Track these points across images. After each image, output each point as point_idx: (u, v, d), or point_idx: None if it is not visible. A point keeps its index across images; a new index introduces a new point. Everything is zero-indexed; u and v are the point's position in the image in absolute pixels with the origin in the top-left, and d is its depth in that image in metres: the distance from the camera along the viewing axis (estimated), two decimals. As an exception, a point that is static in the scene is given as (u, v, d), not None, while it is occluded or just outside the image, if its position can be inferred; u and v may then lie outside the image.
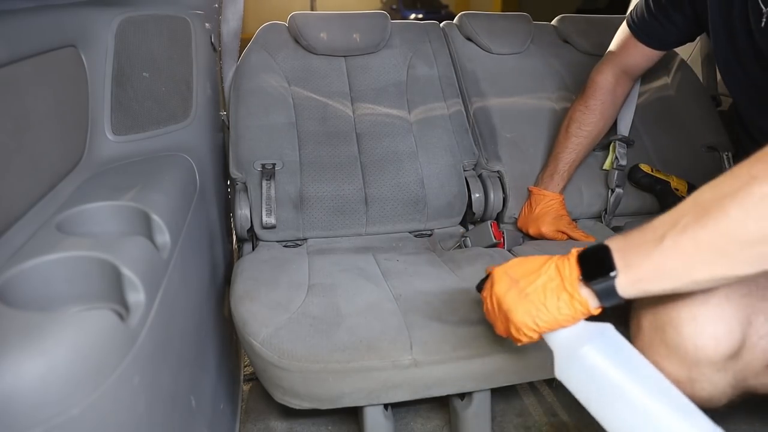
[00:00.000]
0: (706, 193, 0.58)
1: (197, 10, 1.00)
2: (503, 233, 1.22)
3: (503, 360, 0.84)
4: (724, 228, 0.55)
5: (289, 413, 1.09)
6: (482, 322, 0.86)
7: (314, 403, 0.84)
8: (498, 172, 1.31)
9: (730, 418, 1.07)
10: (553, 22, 1.59)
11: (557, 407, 1.13)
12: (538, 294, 0.63)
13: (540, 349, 0.85)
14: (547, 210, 1.23)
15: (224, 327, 1.00)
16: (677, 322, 0.68)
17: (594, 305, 0.62)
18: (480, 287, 0.73)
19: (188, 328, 0.70)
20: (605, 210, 1.33)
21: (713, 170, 1.11)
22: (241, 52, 1.29)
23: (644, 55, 1.17)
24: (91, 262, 0.50)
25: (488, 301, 0.70)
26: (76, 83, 0.76)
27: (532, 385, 1.19)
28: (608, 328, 0.64)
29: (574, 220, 1.34)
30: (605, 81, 1.23)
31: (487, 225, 1.19)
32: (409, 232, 1.27)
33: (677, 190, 1.28)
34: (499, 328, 0.70)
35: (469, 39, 1.48)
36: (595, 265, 0.61)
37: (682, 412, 0.58)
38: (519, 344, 0.69)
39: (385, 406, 0.91)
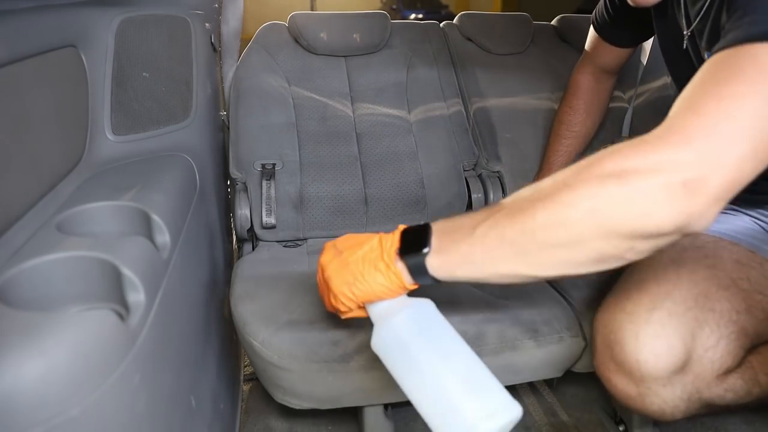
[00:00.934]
0: (526, 191, 0.59)
1: (197, 10, 1.00)
2: None
3: (503, 360, 0.84)
4: (529, 229, 0.56)
5: (289, 413, 1.09)
6: (482, 322, 0.86)
7: (314, 403, 0.84)
8: (498, 172, 1.31)
9: (730, 418, 1.07)
10: (553, 22, 1.59)
11: (557, 407, 1.13)
12: (357, 264, 0.64)
13: (540, 349, 0.85)
14: None
15: (224, 327, 1.00)
16: (623, 340, 0.72)
17: (408, 281, 0.62)
18: None
19: (188, 328, 0.70)
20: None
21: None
22: (241, 52, 1.29)
23: (614, 53, 1.17)
24: (91, 262, 0.50)
25: (318, 274, 0.69)
26: (76, 83, 0.76)
27: (532, 385, 1.19)
28: (426, 303, 0.64)
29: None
30: (585, 80, 1.23)
31: None
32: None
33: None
34: (326, 302, 0.69)
35: (469, 39, 1.48)
36: (413, 242, 0.62)
37: (472, 383, 0.58)
38: (343, 317, 0.69)
39: (385, 406, 0.91)
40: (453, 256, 0.60)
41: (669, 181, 0.52)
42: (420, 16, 9.86)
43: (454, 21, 1.53)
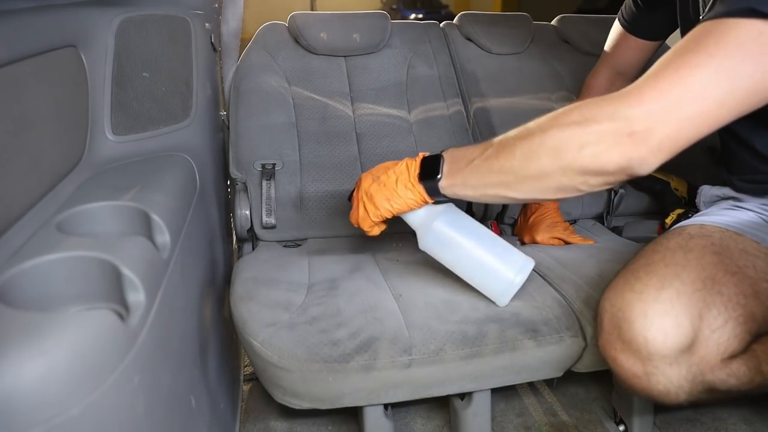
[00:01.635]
0: (512, 132, 0.75)
1: (197, 10, 1.00)
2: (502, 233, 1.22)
3: (503, 360, 0.84)
4: (509, 164, 0.73)
5: (289, 413, 1.09)
6: (482, 322, 0.86)
7: (314, 403, 0.84)
8: (498, 172, 1.31)
9: (730, 419, 1.07)
10: (553, 22, 1.59)
11: (557, 407, 1.13)
12: (393, 184, 0.85)
13: (540, 349, 0.86)
14: (542, 218, 1.23)
15: (224, 327, 1.00)
16: (631, 318, 0.74)
17: (428, 197, 0.84)
18: (350, 197, 0.93)
19: (188, 328, 0.70)
20: (607, 211, 1.33)
21: (712, 170, 1.11)
22: (241, 52, 1.29)
23: (638, 49, 1.17)
24: (91, 262, 0.50)
25: (356, 196, 0.89)
26: (76, 83, 0.76)
27: (532, 385, 1.19)
28: (452, 206, 0.89)
29: (574, 221, 1.35)
30: (598, 84, 1.23)
31: (487, 225, 1.20)
32: (410, 233, 1.26)
33: (677, 190, 1.28)
34: (358, 216, 0.89)
35: (469, 39, 1.48)
36: (430, 169, 0.82)
37: (501, 254, 0.87)
38: (369, 233, 0.91)
39: (385, 406, 0.91)
40: (456, 179, 0.79)
41: (618, 130, 0.65)
42: (420, 16, 9.86)
43: (454, 21, 1.53)
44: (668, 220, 1.15)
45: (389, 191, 0.85)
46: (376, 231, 0.91)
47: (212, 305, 0.92)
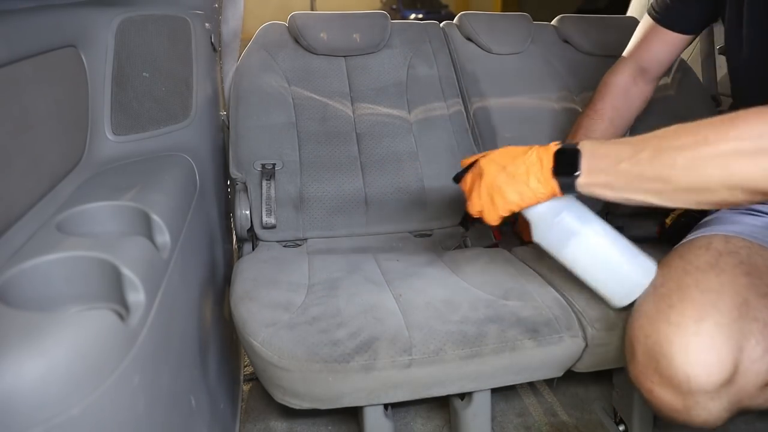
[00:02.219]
0: (669, 136, 0.69)
1: (197, 10, 1.00)
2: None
3: (503, 360, 0.84)
4: (666, 174, 0.68)
5: (289, 413, 1.09)
6: (482, 322, 0.86)
7: (314, 403, 0.84)
8: (498, 172, 1.31)
9: (730, 419, 1.07)
10: (553, 22, 1.59)
11: (557, 407, 1.13)
12: (522, 176, 0.78)
13: (540, 349, 0.85)
14: None
15: (224, 327, 1.00)
16: (670, 354, 0.70)
17: (558, 192, 0.77)
18: (458, 179, 0.88)
19: (188, 328, 0.70)
20: (606, 211, 1.33)
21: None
22: (241, 52, 1.29)
23: (668, 43, 1.11)
24: (91, 262, 0.50)
25: (474, 184, 0.83)
26: (76, 83, 0.76)
27: (532, 385, 1.19)
28: (573, 199, 0.83)
29: (574, 220, 1.34)
30: (619, 81, 1.16)
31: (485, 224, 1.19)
32: (410, 233, 1.26)
33: (677, 190, 1.27)
34: (478, 206, 0.83)
35: (469, 39, 1.48)
36: (566, 164, 0.75)
37: (628, 254, 0.82)
38: (494, 224, 0.84)
39: (385, 406, 0.91)
40: (597, 179, 0.73)
41: None
42: (420, 16, 9.85)
43: (454, 21, 1.53)
44: (668, 221, 1.14)
45: (520, 184, 0.78)
46: (498, 222, 0.85)
47: (212, 305, 0.92)
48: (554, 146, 0.77)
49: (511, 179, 0.79)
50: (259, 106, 1.25)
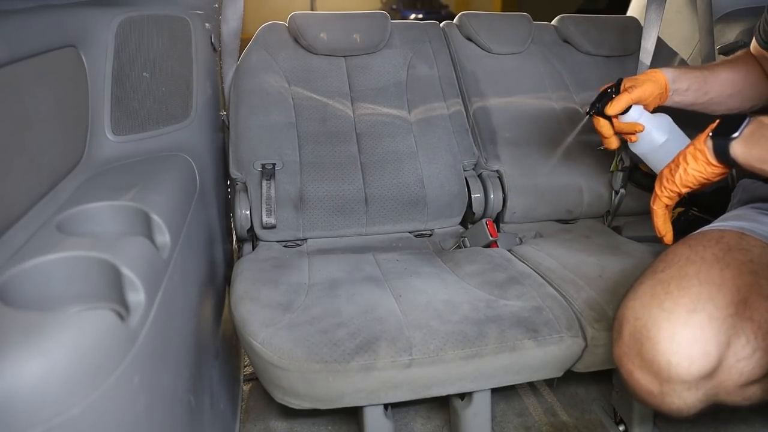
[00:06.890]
0: None
1: (197, 10, 1.00)
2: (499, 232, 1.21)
3: (503, 360, 0.84)
4: None
5: (289, 413, 1.09)
6: (482, 322, 0.86)
7: (314, 403, 0.84)
8: (498, 171, 1.31)
9: (730, 418, 1.07)
10: (553, 22, 1.59)
11: (557, 407, 1.13)
12: (679, 159, 0.81)
13: (540, 349, 0.86)
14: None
15: (224, 327, 1.00)
16: (656, 339, 0.69)
17: (711, 155, 0.76)
18: (601, 110, 0.91)
19: (188, 328, 0.70)
20: (607, 211, 1.33)
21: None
22: (241, 52, 1.29)
23: None
24: (91, 262, 0.50)
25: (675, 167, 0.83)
26: (76, 83, 0.76)
27: (532, 385, 1.19)
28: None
29: (574, 219, 1.35)
30: (754, 62, 1.02)
31: (482, 224, 1.19)
32: (409, 232, 1.27)
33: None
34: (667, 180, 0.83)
35: (469, 39, 1.48)
36: (727, 126, 0.74)
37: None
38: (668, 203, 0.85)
39: (385, 406, 0.91)
40: (756, 149, 0.72)
41: None
42: (420, 16, 9.85)
43: (454, 21, 1.53)
44: None
45: (677, 165, 0.81)
46: (671, 202, 0.85)
47: (212, 305, 0.92)
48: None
49: (673, 167, 0.82)
50: (259, 106, 1.25)
